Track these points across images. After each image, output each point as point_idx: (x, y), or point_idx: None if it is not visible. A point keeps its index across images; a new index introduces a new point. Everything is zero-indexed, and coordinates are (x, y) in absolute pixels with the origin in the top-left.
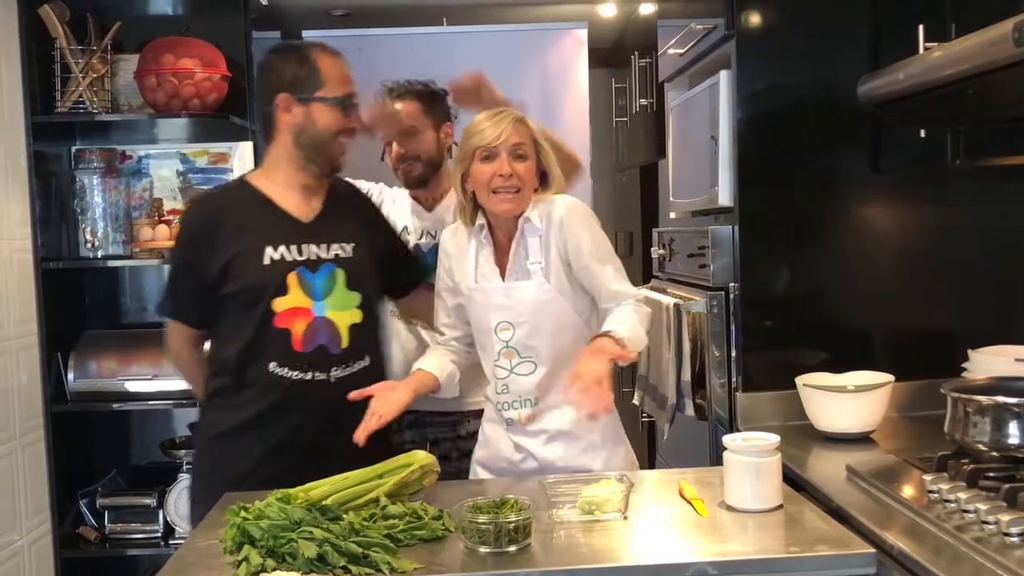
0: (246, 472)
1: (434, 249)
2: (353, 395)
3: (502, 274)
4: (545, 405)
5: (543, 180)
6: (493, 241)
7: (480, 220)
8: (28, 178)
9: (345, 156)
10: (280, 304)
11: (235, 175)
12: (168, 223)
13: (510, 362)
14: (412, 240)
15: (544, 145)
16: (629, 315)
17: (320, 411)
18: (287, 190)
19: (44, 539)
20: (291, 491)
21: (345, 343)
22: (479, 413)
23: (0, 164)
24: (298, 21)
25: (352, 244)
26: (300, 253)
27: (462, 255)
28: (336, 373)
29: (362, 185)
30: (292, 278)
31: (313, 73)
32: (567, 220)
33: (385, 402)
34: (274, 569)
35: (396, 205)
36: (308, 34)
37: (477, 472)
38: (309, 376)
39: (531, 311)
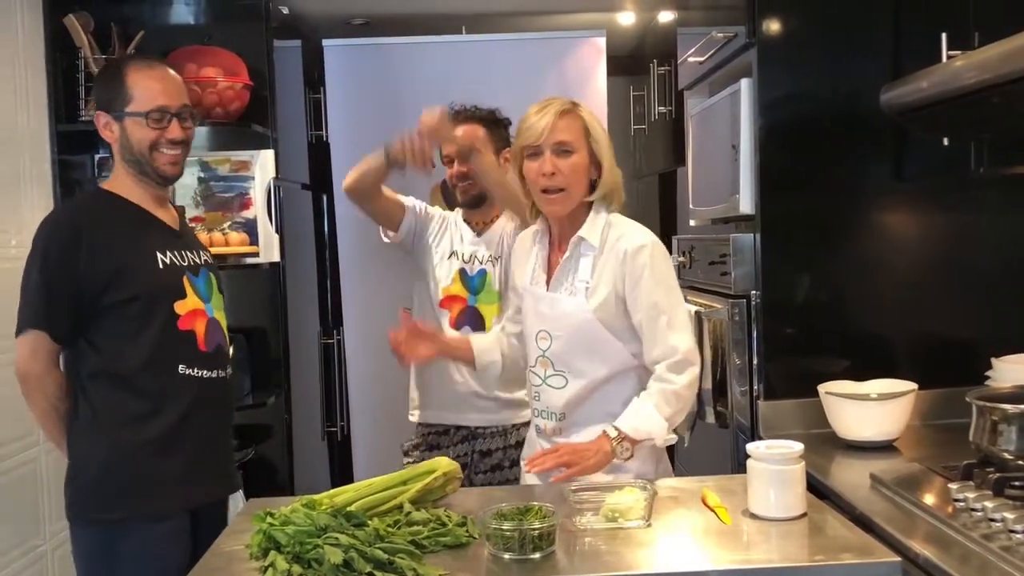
0: (179, 477)
1: (479, 274)
2: (394, 335)
3: (547, 282)
4: (573, 421)
5: (600, 171)
6: (549, 244)
7: (540, 223)
8: (52, 186)
9: (177, 165)
10: (182, 307)
11: (257, 183)
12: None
13: (544, 372)
14: (458, 264)
15: (598, 134)
16: (651, 406)
17: (223, 408)
18: (144, 200)
19: (67, 544)
20: (315, 497)
21: (228, 341)
22: (527, 425)
23: (25, 172)
24: (318, 30)
25: (206, 250)
26: (182, 258)
27: (524, 256)
28: (228, 370)
29: (426, 208)
30: (185, 281)
31: (121, 89)
32: (637, 259)
33: (412, 350)
34: (300, 575)
35: (448, 230)
36: (328, 43)
37: (523, 469)
38: (214, 374)
39: (569, 327)
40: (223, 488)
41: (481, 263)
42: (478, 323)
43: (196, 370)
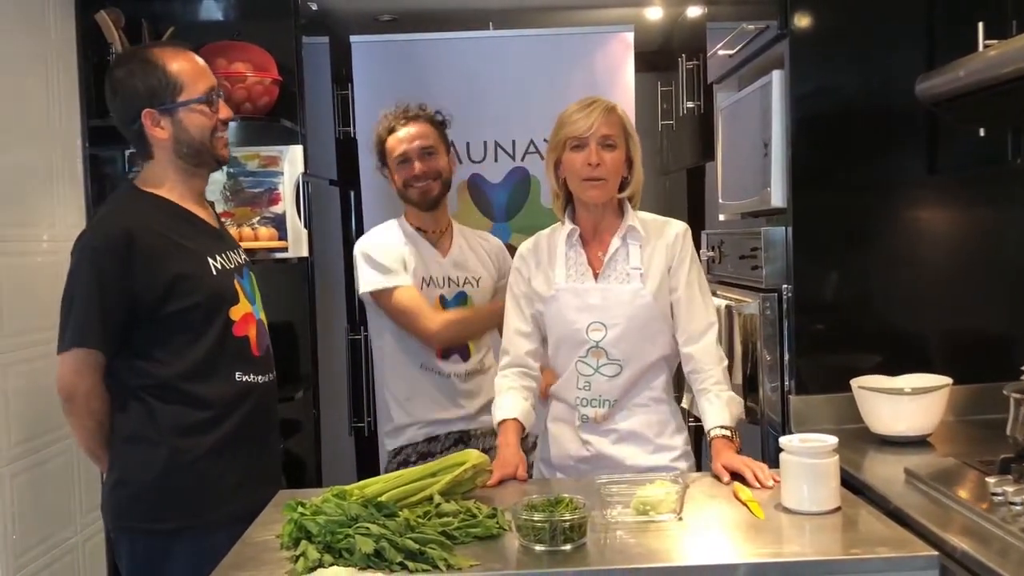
0: (234, 486)
1: (458, 296)
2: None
3: (595, 277)
4: (620, 407)
5: (630, 170)
6: (584, 243)
7: (570, 225)
8: (84, 181)
9: (227, 147)
10: (236, 312)
11: (286, 178)
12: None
13: (597, 361)
14: (436, 291)
15: (634, 135)
16: (723, 400)
17: (273, 412)
18: (185, 198)
19: (98, 536)
20: (346, 488)
21: (270, 341)
22: None
23: (57, 167)
24: (346, 26)
25: (239, 248)
26: (228, 260)
27: (549, 259)
28: (274, 372)
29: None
30: (236, 285)
31: (168, 78)
32: (685, 239)
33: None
34: (331, 564)
35: (415, 254)
36: (356, 39)
37: (541, 471)
38: (267, 379)
39: (627, 314)
40: (273, 493)
41: (458, 285)
42: (464, 350)
43: (251, 376)
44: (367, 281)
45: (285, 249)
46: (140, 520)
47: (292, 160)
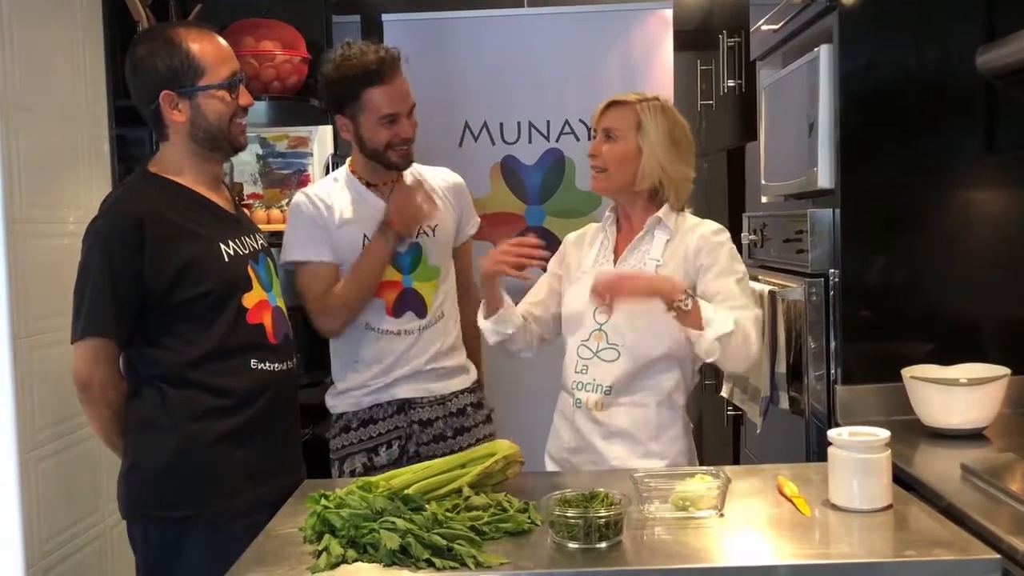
0: (250, 475)
1: (411, 250)
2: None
3: (615, 261)
4: (619, 400)
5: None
6: (618, 230)
7: (610, 212)
8: (111, 162)
9: (245, 134)
10: (249, 299)
11: (315, 159)
12: (249, 207)
13: (597, 344)
14: (385, 244)
15: (650, 129)
16: (726, 309)
17: (292, 401)
18: (199, 184)
19: (124, 523)
20: (372, 479)
21: (290, 328)
22: (468, 391)
23: (84, 148)
24: (377, 5)
25: (259, 232)
26: (243, 246)
27: (587, 243)
28: (295, 360)
29: (314, 198)
30: (250, 271)
31: (189, 61)
32: (718, 236)
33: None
34: (355, 560)
35: (353, 205)
36: (387, 17)
37: (546, 463)
38: (285, 366)
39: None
40: (293, 482)
41: (412, 237)
42: (420, 306)
43: (268, 364)
44: (283, 247)
45: None
46: (152, 508)
47: (321, 140)
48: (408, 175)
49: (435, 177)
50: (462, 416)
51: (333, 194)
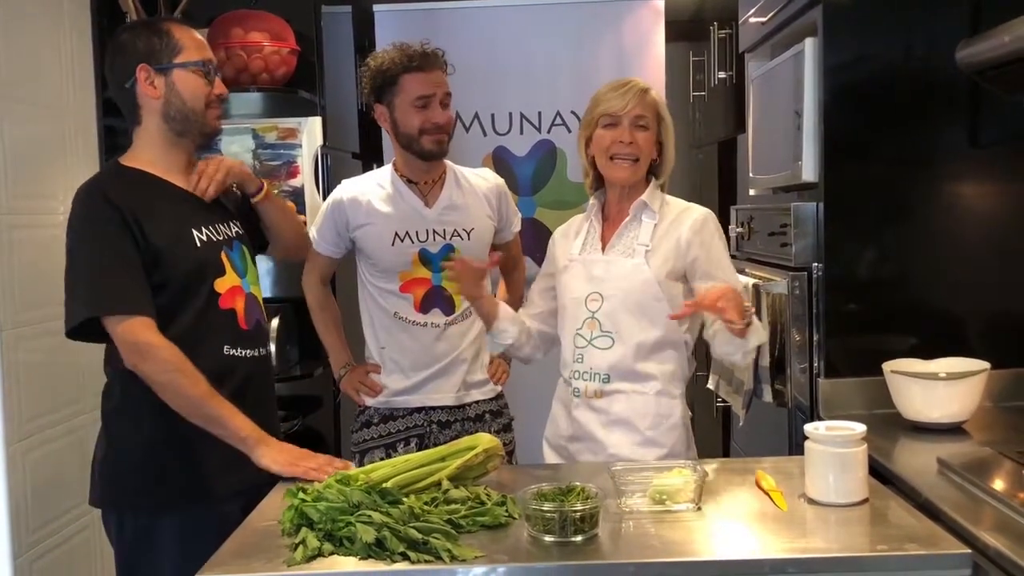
0: (225, 461)
1: (444, 249)
2: (450, 266)
3: (603, 250)
4: (617, 388)
5: (660, 153)
6: (604, 219)
7: (593, 200)
8: (99, 153)
9: (220, 121)
10: (221, 284)
11: (304, 151)
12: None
13: (591, 333)
14: (415, 247)
15: (667, 118)
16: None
17: (267, 387)
18: (171, 171)
19: None
20: (351, 472)
21: (266, 316)
22: (488, 400)
23: (71, 139)
24: None
25: (235, 220)
26: (216, 232)
27: (572, 233)
28: (268, 347)
29: (345, 200)
30: (224, 256)
31: (168, 40)
32: (708, 224)
33: (468, 283)
34: (331, 553)
35: (392, 204)
36: (379, 8)
37: (544, 449)
38: (256, 353)
39: (624, 287)
40: (271, 473)
41: (444, 238)
42: (447, 304)
43: (239, 350)
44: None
45: (304, 223)
46: (124, 495)
47: (311, 132)
48: (451, 175)
49: (475, 178)
50: (479, 422)
51: (368, 191)
